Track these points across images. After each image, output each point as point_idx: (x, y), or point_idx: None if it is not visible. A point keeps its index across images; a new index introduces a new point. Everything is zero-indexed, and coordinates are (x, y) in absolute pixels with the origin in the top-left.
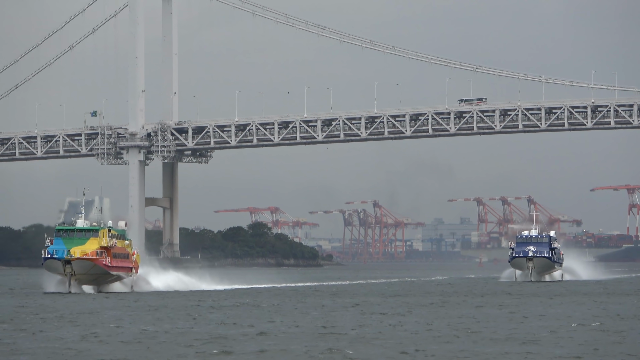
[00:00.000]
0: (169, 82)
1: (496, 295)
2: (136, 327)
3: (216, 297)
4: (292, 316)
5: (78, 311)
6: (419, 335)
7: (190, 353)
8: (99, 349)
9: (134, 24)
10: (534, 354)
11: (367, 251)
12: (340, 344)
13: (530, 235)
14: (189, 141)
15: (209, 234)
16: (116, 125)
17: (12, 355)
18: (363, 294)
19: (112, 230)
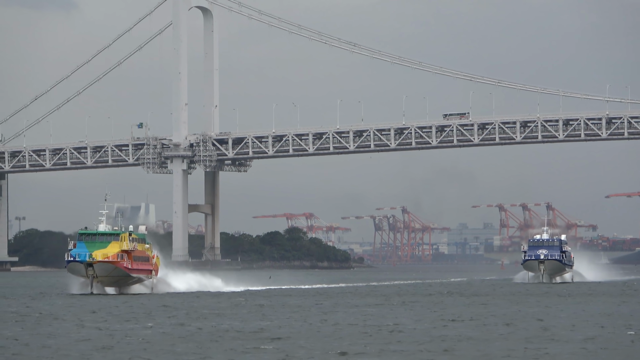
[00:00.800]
0: (210, 96)
1: (495, 296)
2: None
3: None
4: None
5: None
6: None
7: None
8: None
9: (177, 42)
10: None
11: (396, 254)
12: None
13: (542, 239)
14: (229, 151)
15: (248, 238)
16: (161, 136)
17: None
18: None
19: (133, 234)
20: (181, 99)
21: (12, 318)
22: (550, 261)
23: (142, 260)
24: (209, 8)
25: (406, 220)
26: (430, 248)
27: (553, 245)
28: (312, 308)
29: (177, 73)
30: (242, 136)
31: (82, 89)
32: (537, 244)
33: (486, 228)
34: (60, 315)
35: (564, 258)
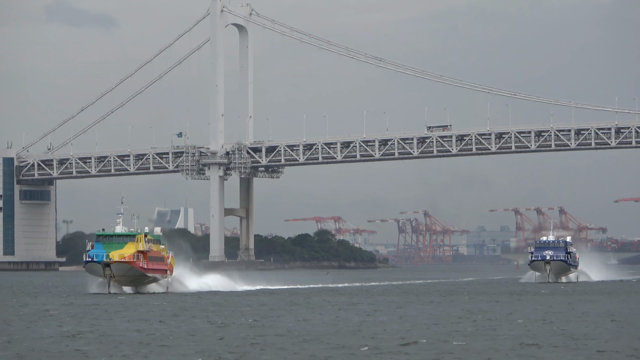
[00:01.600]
0: (245, 107)
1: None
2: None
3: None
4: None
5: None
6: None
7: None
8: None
9: (214, 57)
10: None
11: (419, 255)
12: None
13: (548, 241)
14: (263, 159)
15: (280, 240)
16: (199, 145)
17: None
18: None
19: (149, 235)
20: (218, 110)
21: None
22: (555, 262)
23: (158, 260)
24: (244, 25)
25: (428, 223)
26: (450, 249)
27: (558, 246)
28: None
29: (215, 86)
30: (274, 145)
31: (125, 101)
32: (543, 245)
33: (503, 231)
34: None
35: (569, 259)
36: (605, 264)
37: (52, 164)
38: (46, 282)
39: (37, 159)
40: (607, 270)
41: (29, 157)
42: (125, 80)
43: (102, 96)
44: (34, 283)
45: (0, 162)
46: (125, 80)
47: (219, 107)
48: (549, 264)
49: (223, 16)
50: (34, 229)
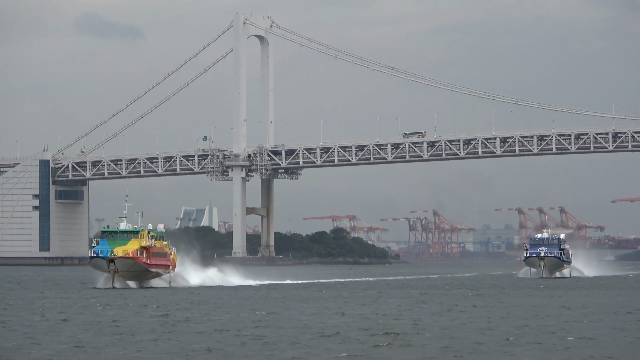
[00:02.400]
0: (266, 113)
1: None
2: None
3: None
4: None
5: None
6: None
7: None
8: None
9: (237, 66)
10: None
11: (428, 251)
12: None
13: (542, 238)
14: (282, 161)
15: (299, 237)
16: (223, 148)
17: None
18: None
19: (152, 232)
20: (241, 115)
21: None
22: (549, 258)
23: (160, 256)
24: (265, 36)
25: (437, 222)
26: (457, 246)
27: (552, 243)
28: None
29: (237, 93)
30: (293, 148)
31: (154, 107)
32: (538, 242)
33: (507, 229)
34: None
35: (563, 255)
36: (602, 260)
37: (85, 166)
38: (79, 276)
39: (72, 161)
40: (600, 266)
41: (64, 160)
42: (154, 87)
43: (132, 103)
44: (63, 277)
45: (37, 164)
46: (153, 87)
47: (241, 112)
48: (543, 260)
49: (245, 28)
50: (68, 227)
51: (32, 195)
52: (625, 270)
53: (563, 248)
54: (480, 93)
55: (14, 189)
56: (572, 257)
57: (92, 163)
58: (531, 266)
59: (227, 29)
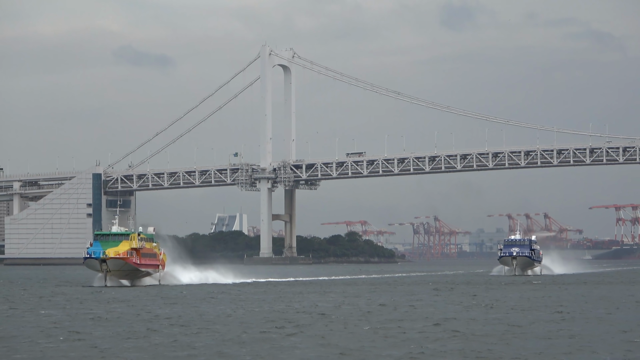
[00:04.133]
0: (289, 132)
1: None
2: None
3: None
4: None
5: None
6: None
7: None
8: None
9: (264, 91)
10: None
11: (430, 252)
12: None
13: (515, 239)
14: (303, 174)
15: (317, 240)
16: (251, 163)
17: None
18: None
19: (142, 234)
20: (267, 134)
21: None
22: (521, 257)
23: (150, 256)
24: (288, 66)
25: (437, 226)
26: (455, 247)
27: (524, 244)
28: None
29: (264, 115)
30: (313, 162)
31: (191, 127)
32: (511, 243)
33: (498, 232)
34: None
35: (533, 255)
36: (574, 259)
37: (132, 179)
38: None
39: (120, 175)
40: (569, 264)
41: (114, 173)
42: (192, 110)
43: (173, 123)
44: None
45: (91, 177)
46: (191, 110)
47: (267, 132)
48: (515, 259)
49: (271, 58)
50: None
51: (86, 204)
52: (592, 268)
53: (534, 248)
54: (474, 114)
55: (70, 199)
56: (542, 256)
57: (138, 176)
58: (505, 265)
59: (255, 59)
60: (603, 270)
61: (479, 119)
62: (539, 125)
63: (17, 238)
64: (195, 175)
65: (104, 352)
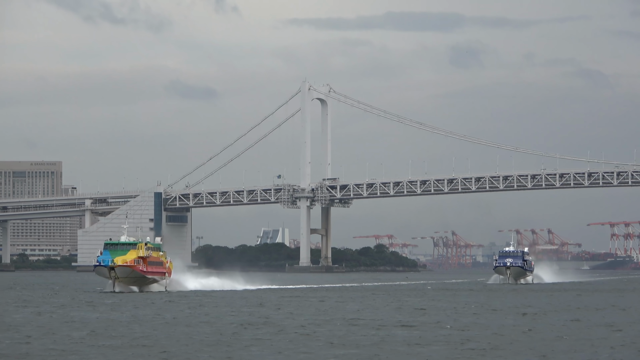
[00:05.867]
0: (325, 157)
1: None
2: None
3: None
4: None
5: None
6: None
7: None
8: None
9: (303, 121)
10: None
11: (448, 262)
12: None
13: (509, 250)
14: (338, 194)
15: (350, 251)
16: (292, 184)
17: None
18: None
19: (149, 244)
20: (306, 158)
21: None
22: (514, 267)
23: (157, 264)
24: (325, 99)
25: (454, 240)
26: (470, 258)
27: (517, 255)
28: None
29: (304, 142)
30: (346, 184)
31: (240, 152)
32: (505, 255)
33: (507, 246)
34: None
35: (526, 265)
36: (577, 269)
37: (188, 197)
38: None
39: (178, 193)
40: (562, 274)
41: (173, 192)
42: (241, 137)
43: (225, 149)
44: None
45: (152, 195)
46: (241, 137)
47: (306, 156)
48: (509, 269)
49: (310, 93)
50: (176, 243)
51: (149, 219)
52: (583, 277)
53: (526, 259)
54: (487, 142)
55: (134, 214)
56: (534, 266)
57: (194, 195)
58: (499, 274)
59: (296, 93)
60: (591, 280)
61: (491, 146)
62: (543, 152)
63: (87, 248)
64: (243, 194)
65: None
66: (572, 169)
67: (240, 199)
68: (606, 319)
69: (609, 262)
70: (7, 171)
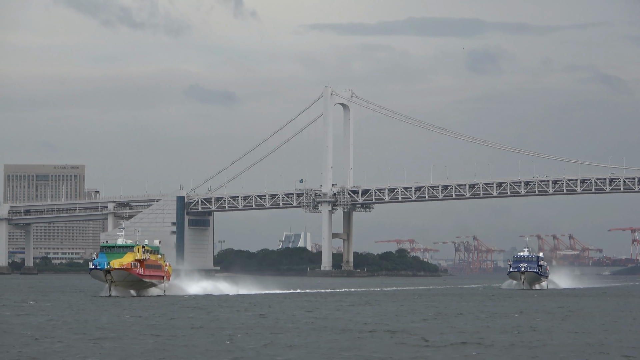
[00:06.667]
0: (347, 161)
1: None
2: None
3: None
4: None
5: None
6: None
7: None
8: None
9: (326, 126)
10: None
11: (469, 267)
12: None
13: (524, 255)
14: (359, 198)
15: (371, 256)
16: (314, 188)
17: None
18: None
19: (147, 246)
20: (328, 163)
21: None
22: (528, 272)
23: (154, 268)
24: (347, 104)
25: (475, 245)
26: (491, 263)
27: (531, 260)
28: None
29: (326, 146)
30: (368, 188)
31: (262, 157)
32: (519, 259)
33: (528, 251)
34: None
35: (540, 270)
36: (598, 275)
37: (211, 201)
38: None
39: (201, 197)
40: (577, 279)
41: (195, 196)
42: (263, 142)
43: (247, 154)
44: None
45: (175, 199)
46: (262, 142)
47: (329, 161)
48: (524, 274)
49: (332, 98)
50: (197, 247)
51: (171, 222)
52: (600, 283)
53: (541, 264)
54: (508, 148)
55: (157, 218)
56: (549, 272)
57: (216, 199)
58: (513, 279)
59: (318, 98)
60: (609, 285)
61: (513, 152)
62: (564, 158)
63: None
64: (265, 199)
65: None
66: (594, 175)
67: (262, 203)
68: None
69: (630, 268)
70: (31, 174)
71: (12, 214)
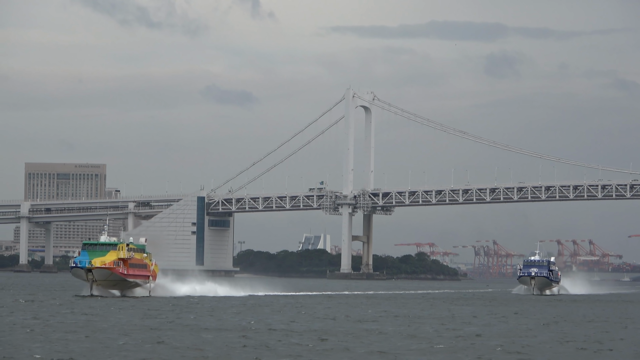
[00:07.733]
0: (368, 164)
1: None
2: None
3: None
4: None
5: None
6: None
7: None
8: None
9: (347, 128)
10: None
11: (489, 271)
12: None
13: (534, 260)
14: (380, 201)
15: (391, 258)
16: (335, 190)
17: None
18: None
19: (131, 244)
20: (349, 166)
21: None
22: (539, 277)
23: (139, 267)
24: (369, 107)
25: (495, 249)
26: (511, 267)
27: (542, 265)
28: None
29: (347, 149)
30: (388, 191)
31: (284, 159)
32: (530, 264)
33: (548, 256)
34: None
35: (551, 275)
36: (618, 281)
37: (231, 202)
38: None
39: (221, 198)
40: (588, 285)
41: (215, 197)
42: (283, 144)
43: (268, 155)
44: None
45: (195, 200)
46: (282, 145)
47: (349, 163)
48: (534, 279)
49: (354, 100)
50: (217, 247)
51: (191, 223)
52: (611, 289)
53: (552, 269)
54: (529, 152)
55: (177, 218)
56: (561, 277)
57: (236, 200)
58: (523, 284)
59: (340, 100)
60: (623, 292)
61: (534, 157)
62: (585, 163)
63: None
64: (286, 200)
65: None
66: (614, 181)
67: (282, 205)
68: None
69: None
70: (52, 173)
71: (32, 212)
